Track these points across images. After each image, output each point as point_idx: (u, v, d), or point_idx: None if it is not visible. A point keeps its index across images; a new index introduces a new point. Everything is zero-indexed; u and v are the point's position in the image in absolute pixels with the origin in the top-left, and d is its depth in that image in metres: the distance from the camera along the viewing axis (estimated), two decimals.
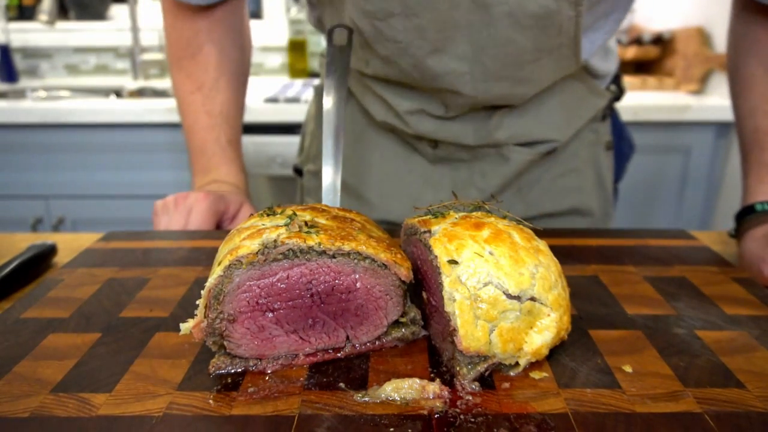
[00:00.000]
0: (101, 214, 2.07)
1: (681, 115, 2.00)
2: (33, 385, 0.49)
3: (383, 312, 0.52)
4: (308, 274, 0.49)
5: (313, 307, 0.50)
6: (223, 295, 0.48)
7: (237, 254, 0.48)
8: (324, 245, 0.49)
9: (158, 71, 2.59)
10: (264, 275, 0.49)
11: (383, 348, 0.54)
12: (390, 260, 0.50)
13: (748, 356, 0.54)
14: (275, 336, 0.51)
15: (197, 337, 0.50)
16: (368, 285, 0.51)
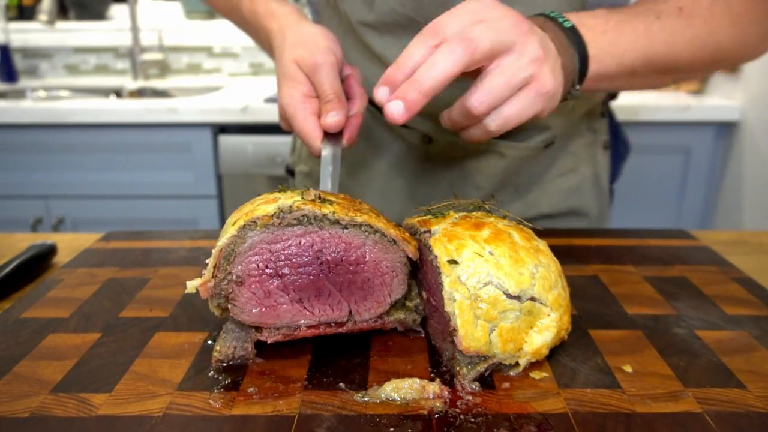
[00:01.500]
0: (101, 214, 2.07)
1: (681, 115, 2.00)
2: (33, 385, 0.49)
3: (388, 289, 0.53)
4: (319, 242, 0.50)
5: (321, 276, 0.51)
6: (234, 256, 0.49)
7: (253, 215, 0.48)
8: (338, 214, 0.49)
9: (158, 71, 2.59)
10: (276, 239, 0.49)
11: (383, 328, 0.55)
12: (399, 236, 0.51)
13: (749, 356, 0.54)
14: (280, 304, 0.51)
15: (203, 295, 0.50)
16: (376, 259, 0.51)
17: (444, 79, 0.53)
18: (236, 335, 0.52)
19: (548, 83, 0.57)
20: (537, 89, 0.57)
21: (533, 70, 0.56)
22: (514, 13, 0.57)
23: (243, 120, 1.94)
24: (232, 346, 0.52)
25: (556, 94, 0.60)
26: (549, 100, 0.59)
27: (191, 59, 2.59)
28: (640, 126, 2.00)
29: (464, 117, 0.58)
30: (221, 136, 1.98)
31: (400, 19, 0.81)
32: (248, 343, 0.52)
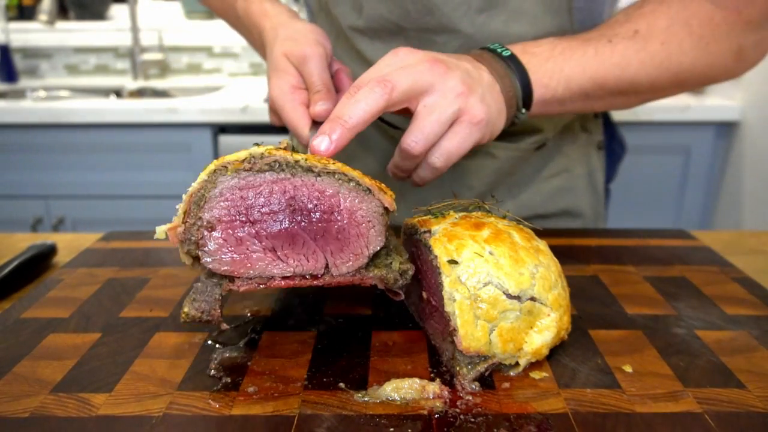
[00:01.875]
0: (101, 214, 2.07)
1: (681, 115, 2.00)
2: (33, 385, 0.49)
3: (365, 240, 0.51)
4: (292, 189, 0.49)
5: (294, 224, 0.50)
6: (205, 201, 0.48)
7: (223, 160, 0.48)
8: (310, 161, 0.49)
9: (158, 71, 2.59)
10: (248, 185, 0.48)
11: (362, 283, 0.53)
12: (374, 185, 0.50)
13: (749, 356, 0.54)
14: (252, 252, 0.50)
15: (172, 241, 0.49)
16: (351, 208, 0.50)
17: (365, 116, 0.56)
18: (205, 294, 0.51)
19: (479, 113, 0.60)
20: (469, 120, 0.60)
21: (460, 104, 0.59)
22: (432, 56, 0.61)
23: (243, 120, 1.94)
24: (201, 308, 0.51)
25: (492, 121, 0.62)
26: (485, 128, 0.61)
27: (191, 59, 2.59)
28: (639, 126, 2.00)
29: (406, 159, 0.61)
30: (221, 136, 1.98)
31: (388, 25, 0.82)
32: (217, 301, 0.51)
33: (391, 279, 0.53)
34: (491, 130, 0.63)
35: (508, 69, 0.67)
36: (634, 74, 0.71)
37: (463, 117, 0.60)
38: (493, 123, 0.63)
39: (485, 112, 0.60)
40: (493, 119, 0.63)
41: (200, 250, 0.49)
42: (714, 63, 0.74)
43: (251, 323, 0.59)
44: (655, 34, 0.71)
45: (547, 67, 0.69)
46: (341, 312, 0.62)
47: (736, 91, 2.03)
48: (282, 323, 0.60)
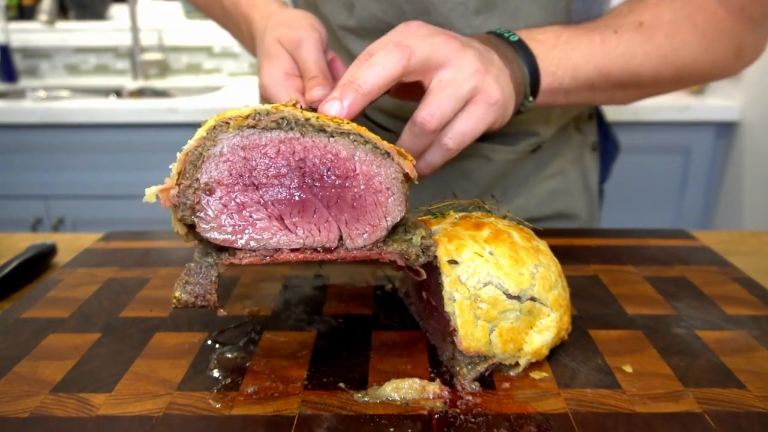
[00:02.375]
0: (101, 214, 2.06)
1: (681, 115, 2.00)
2: (33, 385, 0.49)
3: (383, 210, 0.46)
4: (301, 150, 0.44)
5: (304, 188, 0.45)
6: (202, 161, 0.43)
7: (224, 116, 0.43)
8: (322, 120, 0.44)
9: (158, 71, 2.59)
10: (252, 144, 0.43)
11: (380, 259, 0.47)
12: (393, 149, 0.45)
13: (749, 356, 0.54)
14: (256, 219, 0.44)
15: (164, 204, 0.43)
16: (368, 173, 0.45)
17: (381, 81, 0.51)
18: (199, 276, 0.45)
19: (495, 93, 0.57)
20: (485, 100, 0.56)
21: (476, 81, 0.56)
22: (446, 31, 0.58)
23: None
24: (194, 291, 0.45)
25: (506, 104, 0.59)
26: (499, 110, 0.58)
27: (191, 59, 2.59)
28: (639, 126, 2.00)
29: (418, 136, 0.56)
30: None
31: (381, 25, 0.81)
32: (213, 284, 0.45)
33: (412, 254, 0.47)
34: (504, 114, 0.60)
35: (516, 55, 0.65)
36: (638, 66, 0.70)
37: (479, 96, 0.56)
38: (507, 106, 0.60)
39: (501, 92, 0.57)
40: (507, 102, 0.59)
41: (196, 216, 0.43)
42: (715, 59, 0.73)
43: (251, 323, 0.59)
44: (659, 27, 0.70)
45: (554, 55, 0.67)
46: (341, 312, 0.62)
47: (736, 91, 2.03)
48: (282, 323, 0.60)
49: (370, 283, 0.69)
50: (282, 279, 0.69)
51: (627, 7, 0.73)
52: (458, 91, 0.55)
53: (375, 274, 0.71)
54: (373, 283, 0.68)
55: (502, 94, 0.57)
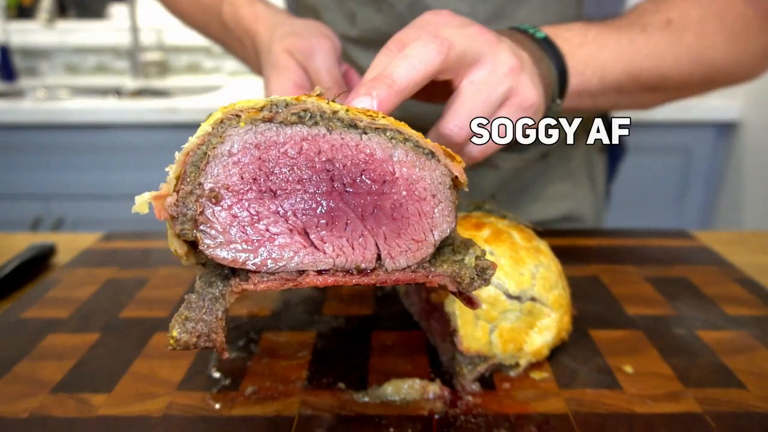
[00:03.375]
0: (101, 214, 2.06)
1: (681, 115, 2.00)
2: (32, 385, 0.49)
3: (428, 222, 0.38)
4: (328, 150, 0.36)
5: (333, 195, 0.37)
6: (207, 162, 0.35)
7: (234, 107, 0.36)
8: (352, 113, 0.37)
9: (158, 71, 2.59)
10: (268, 142, 0.36)
11: (429, 283, 0.38)
12: (439, 148, 0.38)
13: (749, 356, 0.54)
14: (274, 234, 0.36)
15: (160, 215, 0.36)
16: (409, 177, 0.37)
17: (418, 77, 0.45)
18: (202, 311, 0.37)
19: (531, 95, 0.50)
20: (519, 104, 0.50)
21: (511, 82, 0.49)
22: (476, 23, 0.52)
23: None
24: (197, 330, 0.36)
25: (540, 107, 0.54)
26: (535, 114, 0.52)
27: (191, 59, 2.59)
28: (639, 126, 2.00)
29: None
30: None
31: (383, 37, 0.79)
32: (219, 321, 0.37)
33: (466, 277, 0.38)
34: (538, 119, 0.54)
35: (543, 53, 0.58)
36: (667, 67, 0.67)
37: (514, 99, 0.50)
38: (540, 110, 0.53)
39: (536, 94, 0.51)
40: (541, 105, 0.53)
41: (199, 230, 0.35)
42: (743, 61, 0.71)
43: (251, 323, 0.59)
44: (689, 26, 0.67)
45: (581, 54, 0.62)
46: (341, 312, 0.62)
47: (736, 91, 2.03)
48: (282, 323, 0.60)
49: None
50: None
51: (652, 5, 0.69)
52: (492, 95, 0.49)
53: None
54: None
55: (536, 95, 0.51)
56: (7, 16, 2.59)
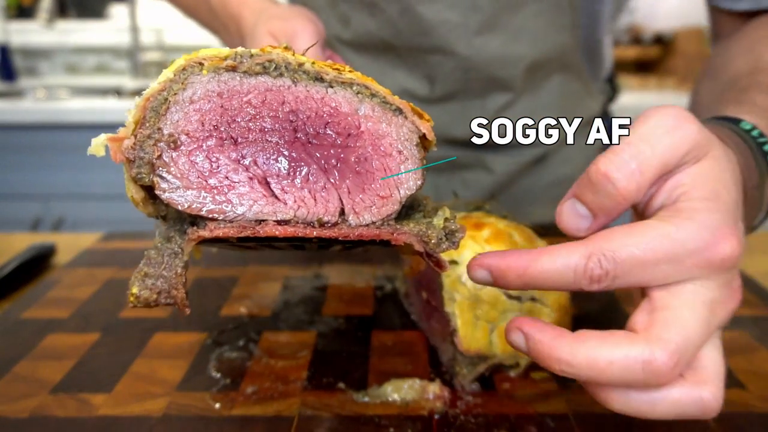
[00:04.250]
0: (101, 214, 2.07)
1: None
2: (32, 385, 0.49)
3: (394, 178, 0.37)
4: (293, 102, 0.36)
5: (296, 146, 0.36)
6: (167, 107, 0.35)
7: (197, 56, 0.35)
8: (318, 67, 0.36)
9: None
10: (231, 91, 0.35)
11: (393, 240, 0.37)
12: (406, 105, 0.37)
13: (749, 356, 0.54)
14: (234, 182, 0.35)
15: (116, 157, 0.35)
16: (375, 132, 0.37)
17: None
18: (161, 267, 0.37)
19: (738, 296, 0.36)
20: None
21: (733, 305, 0.36)
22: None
23: None
24: (156, 287, 0.36)
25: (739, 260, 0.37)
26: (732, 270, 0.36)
27: None
28: None
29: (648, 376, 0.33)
30: None
31: (376, 41, 0.79)
32: (180, 276, 0.36)
33: (432, 237, 0.37)
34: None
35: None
36: None
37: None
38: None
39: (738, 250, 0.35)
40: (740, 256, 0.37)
41: (156, 174, 0.35)
42: None
43: (251, 323, 0.59)
44: None
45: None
46: (341, 312, 0.62)
47: None
48: (282, 323, 0.60)
49: (370, 283, 0.69)
50: (282, 279, 0.69)
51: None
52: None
53: (375, 274, 0.71)
54: (373, 284, 0.68)
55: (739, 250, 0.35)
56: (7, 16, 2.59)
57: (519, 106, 0.84)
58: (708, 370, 0.34)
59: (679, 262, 0.34)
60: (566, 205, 0.38)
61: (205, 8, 0.82)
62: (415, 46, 0.79)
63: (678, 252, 0.34)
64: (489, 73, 0.80)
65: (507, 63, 0.79)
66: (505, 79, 0.81)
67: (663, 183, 0.36)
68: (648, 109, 0.37)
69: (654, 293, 0.35)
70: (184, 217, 0.36)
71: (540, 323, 0.36)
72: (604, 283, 0.34)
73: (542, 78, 0.84)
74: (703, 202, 0.35)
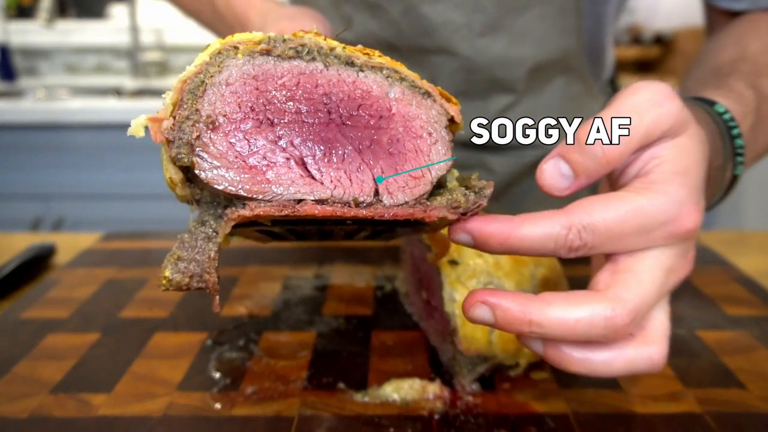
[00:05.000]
0: (101, 214, 2.07)
1: None
2: (32, 385, 0.49)
3: (425, 159, 0.38)
4: (326, 84, 0.37)
5: (331, 127, 0.37)
6: (204, 89, 0.35)
7: (232, 40, 0.36)
8: (349, 51, 0.37)
9: (158, 71, 2.59)
10: (266, 74, 0.36)
11: (426, 218, 0.37)
12: (435, 89, 0.38)
13: (749, 356, 0.54)
14: (272, 162, 0.36)
15: (156, 137, 0.35)
16: (406, 114, 0.38)
17: None
18: (195, 251, 0.36)
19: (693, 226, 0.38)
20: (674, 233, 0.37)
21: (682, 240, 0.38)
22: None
23: None
24: (189, 270, 0.35)
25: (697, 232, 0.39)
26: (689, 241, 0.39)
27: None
28: None
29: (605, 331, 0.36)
30: None
31: (379, 42, 0.79)
32: (212, 261, 0.35)
33: (461, 201, 0.38)
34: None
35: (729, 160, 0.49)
36: None
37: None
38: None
39: (698, 222, 0.38)
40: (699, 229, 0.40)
41: (196, 154, 0.35)
42: None
43: (251, 323, 0.59)
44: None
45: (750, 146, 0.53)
46: (341, 312, 0.62)
47: None
48: (282, 323, 0.60)
49: (370, 283, 0.69)
50: (282, 279, 0.69)
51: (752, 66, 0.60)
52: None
53: (375, 274, 0.71)
54: (373, 284, 0.68)
55: (698, 223, 0.38)
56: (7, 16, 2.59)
57: (521, 107, 0.84)
58: (656, 330, 0.38)
59: (648, 233, 0.37)
60: (550, 163, 0.38)
61: (209, 10, 0.82)
62: (417, 47, 0.79)
63: (648, 225, 0.36)
64: (491, 75, 0.80)
65: (510, 65, 0.80)
66: (508, 81, 0.81)
67: (641, 153, 0.38)
68: (637, 83, 0.39)
69: (619, 257, 0.38)
70: (217, 201, 0.36)
71: (501, 292, 0.37)
72: (581, 252, 0.37)
73: (545, 80, 0.84)
74: (674, 176, 0.37)
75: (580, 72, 0.88)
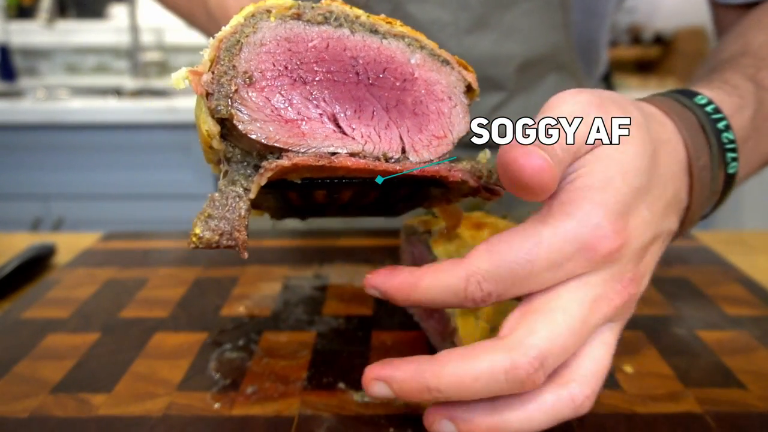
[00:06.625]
0: (101, 214, 2.07)
1: None
2: (32, 385, 0.49)
3: (446, 120, 0.41)
4: (353, 48, 0.39)
5: (360, 86, 0.39)
6: (240, 48, 0.37)
7: (264, 4, 0.38)
8: (373, 20, 0.39)
9: (158, 71, 2.59)
10: (297, 37, 0.38)
11: (449, 177, 0.40)
12: (452, 57, 0.41)
13: (749, 356, 0.54)
14: (308, 119, 0.37)
15: (197, 88, 0.36)
16: (428, 79, 0.41)
17: None
18: (225, 209, 0.36)
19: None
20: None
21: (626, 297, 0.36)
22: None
23: None
24: (219, 228, 0.36)
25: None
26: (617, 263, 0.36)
27: (191, 59, 2.59)
28: None
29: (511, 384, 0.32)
30: None
31: None
32: (243, 219, 0.36)
33: (485, 170, 0.42)
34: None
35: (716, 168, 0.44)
36: None
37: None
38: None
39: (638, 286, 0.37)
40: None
41: (234, 107, 0.36)
42: None
43: (251, 323, 0.59)
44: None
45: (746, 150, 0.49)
46: (341, 312, 0.62)
47: None
48: (282, 323, 0.60)
49: None
50: (282, 279, 0.69)
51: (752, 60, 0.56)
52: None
53: None
54: None
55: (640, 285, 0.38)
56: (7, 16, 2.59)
57: (513, 105, 0.85)
58: (581, 368, 0.34)
59: (560, 266, 0.33)
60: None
61: (202, 13, 0.82)
62: None
63: (556, 258, 0.33)
64: (481, 72, 0.80)
65: (498, 62, 0.80)
66: (498, 78, 0.81)
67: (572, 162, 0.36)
68: (561, 93, 0.39)
69: (533, 295, 0.34)
70: (248, 161, 0.38)
71: (392, 361, 0.35)
72: (490, 302, 0.34)
73: (536, 77, 0.85)
74: (587, 193, 0.34)
75: (572, 69, 0.88)
